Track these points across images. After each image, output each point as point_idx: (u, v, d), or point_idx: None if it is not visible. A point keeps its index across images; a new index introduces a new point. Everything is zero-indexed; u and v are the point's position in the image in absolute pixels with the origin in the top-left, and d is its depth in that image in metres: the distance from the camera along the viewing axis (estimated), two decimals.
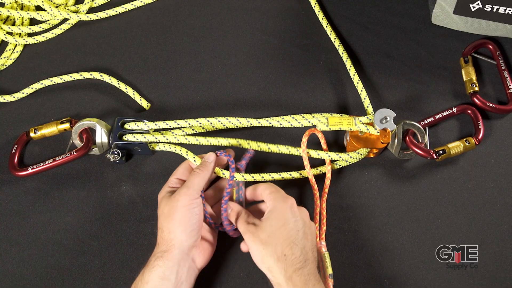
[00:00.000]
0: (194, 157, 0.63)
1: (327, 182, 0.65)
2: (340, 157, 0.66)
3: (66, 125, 0.69)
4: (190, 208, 0.55)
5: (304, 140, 0.64)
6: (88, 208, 0.67)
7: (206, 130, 0.71)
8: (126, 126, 0.67)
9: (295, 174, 0.66)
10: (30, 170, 0.67)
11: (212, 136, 0.67)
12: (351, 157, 0.67)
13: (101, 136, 0.67)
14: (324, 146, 0.67)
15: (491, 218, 0.66)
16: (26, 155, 0.71)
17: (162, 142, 0.68)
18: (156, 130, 0.69)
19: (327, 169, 0.65)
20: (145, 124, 0.67)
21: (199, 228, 0.56)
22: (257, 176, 0.65)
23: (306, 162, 0.64)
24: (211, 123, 0.66)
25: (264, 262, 0.53)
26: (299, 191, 0.67)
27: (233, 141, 0.66)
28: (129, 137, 0.66)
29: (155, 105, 0.75)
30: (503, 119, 0.73)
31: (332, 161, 0.68)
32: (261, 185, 0.59)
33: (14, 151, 0.69)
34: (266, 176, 0.65)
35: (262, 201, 0.60)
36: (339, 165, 0.68)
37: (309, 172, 0.64)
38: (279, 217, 0.54)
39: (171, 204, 0.56)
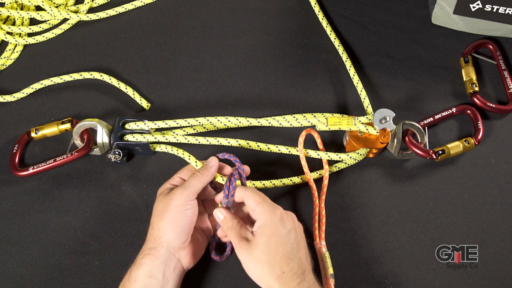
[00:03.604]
0: (196, 162, 0.62)
1: (325, 181, 0.65)
2: (339, 157, 0.66)
3: (67, 125, 0.69)
4: (183, 209, 0.55)
5: (301, 140, 0.64)
6: (88, 208, 0.67)
7: (207, 129, 0.71)
8: (127, 126, 0.67)
9: (296, 180, 0.66)
10: (31, 170, 0.67)
11: (212, 136, 0.67)
12: (350, 157, 0.67)
13: (102, 136, 0.67)
14: (320, 146, 0.67)
15: (491, 218, 0.66)
16: (27, 155, 0.71)
17: (163, 143, 0.68)
18: (157, 130, 0.69)
19: (324, 168, 0.65)
20: (144, 123, 0.67)
21: (189, 230, 0.56)
22: (257, 183, 0.64)
23: (303, 162, 0.64)
24: (210, 122, 0.66)
25: (264, 280, 0.52)
26: (298, 191, 0.67)
27: (232, 141, 0.66)
28: (129, 137, 0.66)
29: (155, 105, 0.75)
30: (503, 119, 0.73)
31: (332, 163, 0.68)
32: (246, 192, 0.56)
33: (15, 151, 0.69)
34: (267, 183, 0.65)
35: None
36: (339, 168, 0.68)
37: (309, 178, 0.64)
38: (272, 233, 0.52)
39: (165, 202, 0.56)
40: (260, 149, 0.67)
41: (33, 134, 0.70)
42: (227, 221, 0.56)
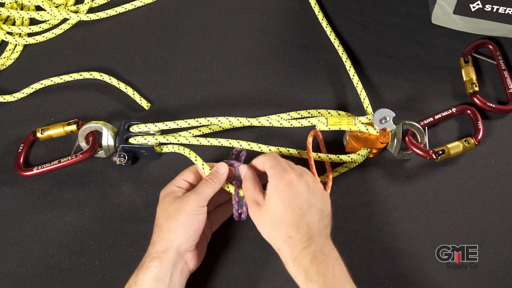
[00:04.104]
0: (203, 164, 0.62)
1: (329, 183, 0.64)
2: (340, 159, 0.66)
3: (73, 127, 0.69)
4: (196, 213, 0.55)
5: (310, 140, 0.61)
6: (88, 208, 0.67)
7: (212, 130, 0.71)
8: (131, 129, 0.67)
9: None
10: (35, 171, 0.67)
11: (212, 136, 0.67)
12: (351, 159, 0.67)
13: (107, 139, 0.67)
14: (322, 149, 0.67)
15: (491, 218, 0.66)
16: (30, 155, 0.71)
17: (170, 144, 0.68)
18: (162, 132, 0.69)
19: (328, 170, 0.65)
20: (145, 126, 0.66)
21: (198, 234, 0.56)
22: None
23: (311, 163, 0.61)
24: (211, 122, 0.66)
25: (272, 243, 0.54)
26: None
27: (233, 142, 0.66)
28: (131, 140, 0.66)
29: (155, 105, 0.75)
30: (503, 119, 0.73)
31: (333, 164, 0.68)
32: (262, 158, 0.57)
33: (20, 150, 0.69)
34: None
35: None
36: (339, 172, 0.68)
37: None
38: (280, 199, 0.53)
39: (178, 206, 0.56)
40: (262, 150, 0.67)
41: (38, 135, 0.69)
42: (245, 181, 0.58)
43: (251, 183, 0.57)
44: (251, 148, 0.67)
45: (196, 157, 0.63)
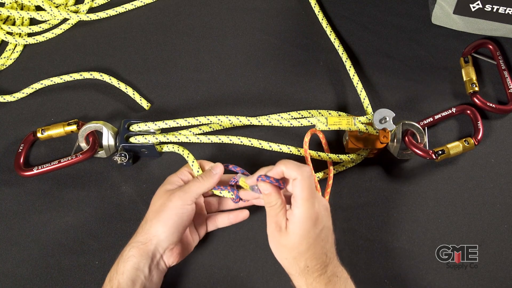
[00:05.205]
0: (198, 169, 0.62)
1: (330, 182, 0.64)
2: (340, 158, 0.66)
3: (73, 127, 0.69)
4: (179, 211, 0.55)
5: (306, 140, 0.63)
6: (88, 208, 0.67)
7: (213, 129, 0.71)
8: (131, 128, 0.67)
9: None
10: (35, 171, 0.67)
11: (213, 134, 0.67)
12: (351, 159, 0.67)
13: (108, 138, 0.67)
14: (325, 146, 0.67)
15: (491, 218, 0.66)
16: (30, 155, 0.71)
17: (171, 143, 0.68)
18: (162, 131, 0.69)
19: (329, 169, 0.65)
20: (145, 125, 0.66)
21: (181, 233, 0.56)
22: None
23: (308, 162, 0.63)
24: (211, 121, 0.66)
25: (286, 268, 0.53)
26: None
27: (234, 139, 0.66)
28: (132, 140, 0.66)
29: (155, 105, 0.75)
30: (503, 119, 0.73)
31: (334, 163, 0.68)
32: (296, 172, 0.51)
33: (20, 150, 0.69)
34: None
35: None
36: (337, 171, 0.68)
37: (314, 178, 0.64)
38: (304, 234, 0.51)
39: (164, 201, 0.56)
40: (262, 147, 0.67)
41: (39, 135, 0.69)
42: (271, 199, 0.53)
43: (279, 204, 0.53)
44: (252, 144, 0.67)
45: (193, 161, 0.63)
